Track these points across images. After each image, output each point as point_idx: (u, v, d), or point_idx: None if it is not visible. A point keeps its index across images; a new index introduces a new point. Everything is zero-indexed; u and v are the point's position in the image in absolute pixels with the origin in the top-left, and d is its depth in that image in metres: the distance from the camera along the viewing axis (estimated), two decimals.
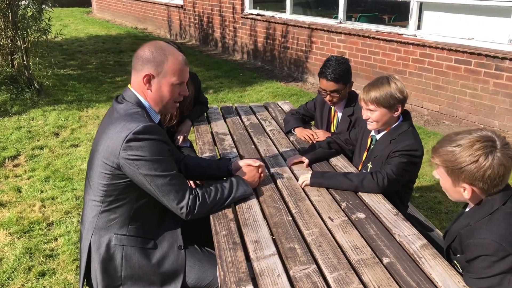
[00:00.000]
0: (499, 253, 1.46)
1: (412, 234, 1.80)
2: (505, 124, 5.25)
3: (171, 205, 1.87)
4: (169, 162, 1.87)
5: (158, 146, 1.82)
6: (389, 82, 2.27)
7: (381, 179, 2.12)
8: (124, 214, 1.93)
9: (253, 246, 1.73)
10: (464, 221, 1.65)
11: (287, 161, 2.51)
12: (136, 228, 1.96)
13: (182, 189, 1.88)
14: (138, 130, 1.78)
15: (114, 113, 1.91)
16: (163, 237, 2.01)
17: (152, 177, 1.81)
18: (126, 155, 1.78)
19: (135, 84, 1.92)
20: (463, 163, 1.57)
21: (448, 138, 1.65)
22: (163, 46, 1.92)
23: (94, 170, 1.90)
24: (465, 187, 1.61)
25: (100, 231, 1.93)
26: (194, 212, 1.89)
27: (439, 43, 5.72)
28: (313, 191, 2.17)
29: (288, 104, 3.65)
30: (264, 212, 1.99)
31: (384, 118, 2.29)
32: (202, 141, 2.86)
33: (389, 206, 2.02)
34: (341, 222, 1.89)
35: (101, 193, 1.89)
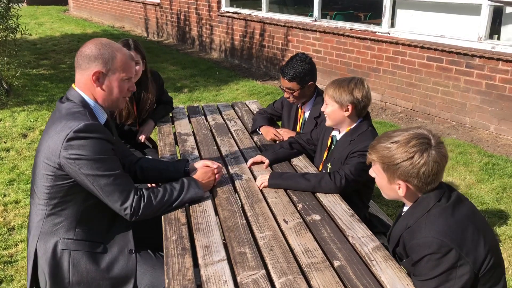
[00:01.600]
0: (442, 249, 1.47)
1: (366, 236, 1.77)
2: (476, 121, 5.30)
3: (115, 206, 1.82)
4: (112, 161, 1.82)
5: (100, 145, 1.77)
6: (349, 84, 2.26)
7: (338, 179, 2.10)
8: (71, 217, 1.86)
9: (203, 252, 1.68)
10: (403, 223, 1.65)
11: (248, 162, 2.46)
12: (84, 232, 1.89)
13: (126, 190, 1.83)
14: (79, 128, 1.73)
15: (56, 113, 1.85)
16: (113, 240, 1.95)
17: (95, 177, 1.76)
18: (67, 154, 1.73)
19: (80, 83, 1.86)
20: (399, 159, 1.57)
21: (385, 135, 1.66)
22: (109, 43, 1.87)
23: (37, 173, 1.84)
24: (400, 184, 1.61)
25: (46, 236, 1.86)
26: (138, 214, 1.84)
27: (411, 40, 5.74)
28: (271, 192, 2.13)
29: (256, 103, 3.61)
30: (218, 215, 1.94)
31: (334, 115, 2.30)
32: (163, 142, 2.80)
33: (346, 207, 1.99)
34: (296, 225, 1.86)
35: (45, 196, 1.82)
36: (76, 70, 1.87)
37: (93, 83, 1.84)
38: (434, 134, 1.63)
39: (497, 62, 4.94)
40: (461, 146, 4.81)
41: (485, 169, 4.24)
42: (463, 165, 4.34)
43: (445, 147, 1.63)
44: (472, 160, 4.46)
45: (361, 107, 2.26)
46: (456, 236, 1.49)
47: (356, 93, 2.22)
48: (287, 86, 2.75)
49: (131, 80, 1.93)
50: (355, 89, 2.23)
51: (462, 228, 1.52)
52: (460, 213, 1.56)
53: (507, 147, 4.83)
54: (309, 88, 2.80)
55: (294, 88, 2.75)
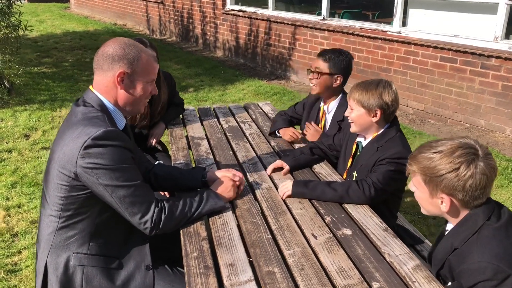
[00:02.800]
0: (498, 276, 1.33)
1: (404, 254, 1.63)
2: (491, 123, 5.15)
3: (134, 219, 1.68)
4: (132, 171, 1.68)
5: (120, 153, 1.63)
6: (377, 86, 2.11)
7: (367, 188, 1.95)
8: (85, 230, 1.72)
9: (228, 271, 1.54)
10: (447, 243, 1.50)
11: (267, 169, 2.32)
12: (99, 246, 1.76)
13: (146, 201, 1.69)
14: (97, 135, 1.59)
15: (72, 118, 1.70)
16: (129, 255, 1.81)
17: (114, 188, 1.62)
18: (84, 163, 1.59)
19: (101, 84, 1.72)
20: (443, 170, 1.44)
21: (427, 144, 1.52)
22: (133, 43, 1.74)
23: (50, 181, 1.70)
24: (443, 198, 1.47)
25: (57, 250, 1.73)
26: (159, 227, 1.70)
27: (424, 40, 5.60)
28: (295, 203, 1.99)
29: (269, 105, 3.47)
30: (241, 228, 1.80)
31: (360, 120, 2.15)
32: (176, 146, 2.65)
33: (378, 220, 1.85)
34: (326, 240, 1.71)
35: (58, 207, 1.69)
36: (96, 71, 1.72)
37: (117, 85, 1.70)
38: (481, 144, 1.49)
39: None
40: None
41: (505, 174, 4.10)
42: None
43: (494, 158, 1.49)
44: None
45: (390, 112, 2.11)
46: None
47: (385, 97, 2.08)
48: (317, 65, 2.62)
49: (153, 83, 1.80)
50: (384, 92, 2.09)
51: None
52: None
53: None
54: (336, 81, 2.63)
55: (324, 70, 2.60)
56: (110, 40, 1.74)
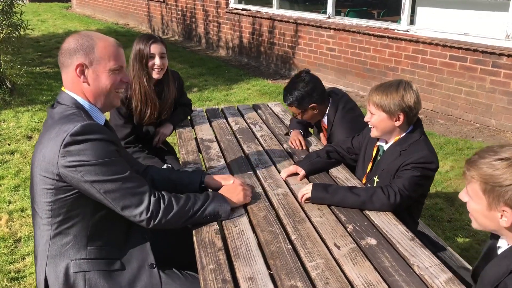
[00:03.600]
0: None
1: (434, 265, 1.53)
2: (502, 123, 5.05)
3: (128, 212, 1.59)
4: (118, 163, 1.59)
5: (102, 147, 1.55)
6: (398, 88, 2.00)
7: (393, 195, 1.85)
8: (80, 234, 1.63)
9: (247, 285, 1.44)
10: (502, 264, 1.35)
11: (281, 173, 2.22)
12: (97, 249, 1.66)
13: (139, 192, 1.60)
14: (75, 131, 1.51)
15: (48, 121, 1.63)
16: (130, 255, 1.72)
17: (101, 183, 1.53)
18: (66, 162, 1.50)
19: (69, 83, 1.65)
20: (508, 180, 1.28)
21: (490, 149, 1.36)
22: (89, 33, 1.67)
23: (35, 189, 1.61)
24: (505, 211, 1.31)
25: (55, 260, 1.63)
26: (157, 218, 1.61)
27: (433, 38, 5.49)
28: (314, 210, 1.89)
29: (279, 105, 3.36)
30: (258, 238, 1.70)
31: (382, 124, 2.04)
32: (185, 149, 2.56)
33: (403, 229, 1.75)
34: (350, 251, 1.61)
35: (47, 214, 1.59)
36: (61, 71, 1.66)
37: (78, 78, 1.62)
38: None
39: None
40: None
41: None
42: None
43: None
44: None
45: (413, 114, 2.01)
46: None
47: (407, 99, 1.97)
48: (289, 109, 2.64)
49: (123, 70, 1.70)
50: (406, 94, 1.98)
51: None
52: None
53: None
54: (312, 110, 2.59)
55: (295, 112, 2.62)
56: (68, 36, 1.68)
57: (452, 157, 4.40)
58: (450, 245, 2.67)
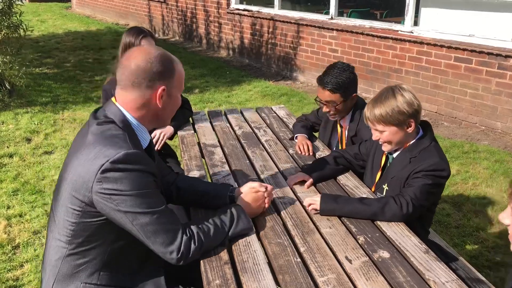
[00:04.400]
0: None
1: (451, 281, 1.46)
2: (508, 125, 4.98)
3: (158, 248, 1.50)
4: (155, 196, 1.50)
5: (141, 178, 1.46)
6: (394, 95, 1.92)
7: (405, 205, 1.78)
8: (96, 258, 1.55)
9: None
10: None
11: (288, 180, 2.15)
12: (111, 276, 1.58)
13: (172, 229, 1.51)
14: (117, 158, 1.42)
15: (89, 134, 1.51)
16: (143, 284, 1.64)
17: (135, 215, 1.45)
18: (101, 189, 1.42)
19: (131, 101, 1.54)
20: None
21: None
22: (166, 54, 1.57)
23: (60, 204, 1.53)
24: None
25: (65, 279, 1.55)
26: (187, 257, 1.52)
27: (437, 40, 5.42)
28: (323, 220, 1.82)
29: (284, 109, 3.29)
30: (266, 250, 1.63)
31: (396, 137, 1.96)
32: (188, 155, 2.48)
33: (416, 241, 1.68)
34: (362, 264, 1.54)
35: (68, 233, 1.52)
36: (126, 88, 1.54)
37: (157, 102, 1.54)
38: None
39: None
40: (496, 153, 4.49)
41: None
42: (502, 174, 4.03)
43: None
44: (511, 169, 4.14)
45: (420, 114, 1.94)
46: None
47: (409, 102, 1.90)
48: (328, 98, 2.43)
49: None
50: (405, 98, 1.90)
51: None
52: None
53: None
54: (352, 101, 2.48)
55: (337, 101, 2.43)
56: (139, 53, 1.55)
57: (458, 161, 4.33)
58: (459, 252, 2.60)
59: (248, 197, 1.78)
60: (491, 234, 3.20)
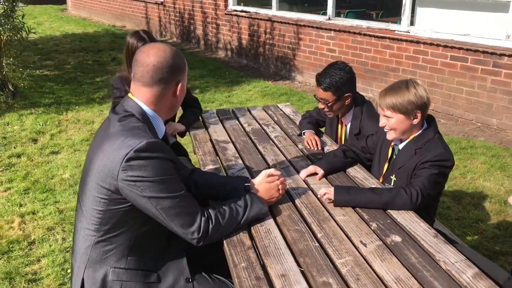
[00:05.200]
0: None
1: (460, 261, 1.57)
2: (503, 122, 5.13)
3: (181, 230, 1.61)
4: (176, 181, 1.62)
5: (163, 165, 1.57)
6: (407, 86, 2.06)
7: (415, 194, 1.89)
8: (123, 244, 1.66)
9: (281, 282, 1.48)
10: None
11: (300, 173, 2.26)
12: (137, 260, 1.69)
13: (192, 211, 1.63)
14: (140, 147, 1.53)
15: (110, 127, 1.64)
16: (167, 268, 1.75)
17: (158, 199, 1.56)
18: (126, 177, 1.53)
19: (150, 96, 1.67)
20: None
21: None
22: (177, 50, 1.72)
23: (87, 194, 1.63)
24: None
25: (95, 265, 1.66)
26: (207, 237, 1.64)
27: (433, 39, 5.56)
28: (336, 209, 1.93)
29: (290, 106, 3.40)
30: (285, 237, 1.74)
31: (402, 126, 2.08)
32: (202, 151, 2.59)
33: (426, 226, 1.79)
34: (376, 248, 1.66)
35: (95, 221, 1.62)
36: (146, 84, 1.65)
37: (177, 95, 1.70)
38: None
39: None
40: (492, 149, 4.63)
41: None
42: (499, 169, 4.16)
43: None
44: (507, 164, 4.28)
45: (427, 109, 2.07)
46: None
47: (420, 96, 2.03)
48: (321, 96, 2.55)
49: None
50: (417, 91, 2.04)
51: None
52: None
53: None
54: (346, 100, 2.59)
55: (329, 99, 2.55)
56: (157, 50, 1.65)
57: (456, 156, 4.46)
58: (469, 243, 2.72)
59: (261, 186, 1.89)
60: (490, 225, 3.33)
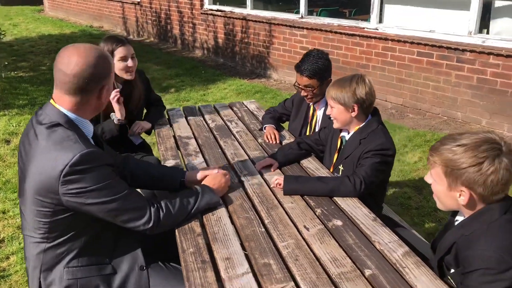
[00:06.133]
0: (501, 266, 1.33)
1: (393, 241, 1.70)
2: (467, 115, 5.31)
3: (132, 224, 1.70)
4: (117, 183, 1.68)
5: (101, 172, 1.61)
6: (351, 82, 2.20)
7: (358, 182, 2.02)
8: (75, 245, 1.72)
9: (224, 264, 1.58)
10: (457, 233, 1.51)
11: (256, 165, 2.37)
12: (90, 256, 1.76)
13: (140, 206, 1.71)
14: (75, 161, 1.54)
15: (38, 138, 1.60)
16: (121, 259, 1.83)
17: (104, 204, 1.62)
18: (66, 190, 1.56)
19: (73, 102, 1.63)
20: (465, 164, 1.43)
21: (450, 137, 1.52)
22: (103, 52, 1.68)
23: (27, 206, 1.65)
24: (462, 191, 1.47)
25: (49, 267, 1.72)
26: (159, 225, 1.73)
27: (401, 36, 5.72)
28: (286, 197, 2.04)
29: (255, 103, 3.51)
30: (235, 224, 1.84)
31: (341, 117, 2.23)
32: (164, 146, 2.68)
33: (366, 211, 1.91)
34: (318, 231, 1.77)
35: (43, 231, 1.66)
36: (67, 91, 1.61)
37: (100, 99, 1.69)
38: (506, 140, 1.48)
39: (488, 56, 4.95)
40: None
41: None
42: None
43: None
44: None
45: (367, 105, 2.19)
46: None
47: (359, 92, 2.15)
48: (306, 83, 2.66)
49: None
50: (358, 87, 2.17)
51: None
52: None
53: None
54: (328, 84, 2.71)
55: (314, 85, 2.66)
56: (78, 56, 1.59)
57: (420, 149, 4.62)
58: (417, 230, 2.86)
59: (206, 180, 2.00)
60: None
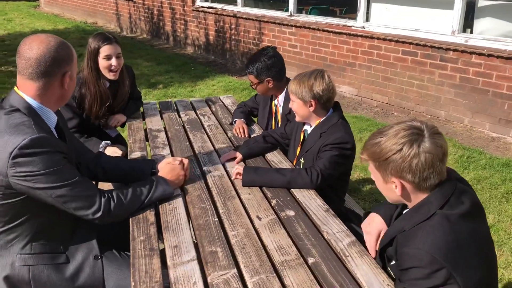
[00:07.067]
0: (433, 266, 1.34)
1: (341, 231, 1.72)
2: (450, 114, 5.34)
3: (80, 213, 1.71)
4: (67, 170, 1.68)
5: (50, 158, 1.62)
6: (310, 77, 2.22)
7: (315, 175, 2.04)
8: (26, 231, 1.73)
9: (172, 252, 1.60)
10: (399, 224, 1.51)
11: (221, 157, 2.39)
12: (42, 245, 1.77)
13: (89, 194, 1.72)
14: (24, 144, 1.56)
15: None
16: (76, 248, 1.84)
17: (52, 189, 1.63)
18: (14, 173, 1.58)
19: (35, 88, 1.66)
20: (388, 153, 1.43)
21: (378, 130, 1.53)
22: (63, 40, 1.72)
23: None
24: (394, 182, 1.47)
25: (0, 253, 1.74)
26: (110, 215, 1.74)
27: (386, 34, 5.75)
28: (244, 188, 2.07)
29: (231, 98, 3.53)
30: (189, 213, 1.87)
31: (300, 111, 2.26)
32: (133, 139, 2.70)
33: (320, 202, 1.94)
34: (269, 221, 1.80)
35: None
36: (30, 77, 1.64)
37: (63, 87, 1.71)
38: (430, 125, 1.47)
39: (470, 56, 4.98)
40: None
41: (460, 162, 4.27)
42: None
43: (443, 138, 1.45)
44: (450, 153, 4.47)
45: (324, 100, 2.21)
46: (453, 254, 1.34)
47: (316, 88, 2.17)
48: (248, 78, 2.77)
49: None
50: (315, 83, 2.19)
51: (462, 247, 1.37)
52: (465, 229, 1.39)
53: (481, 139, 4.88)
54: (268, 84, 2.75)
55: (252, 81, 2.79)
56: (39, 42, 1.64)
57: None
58: None
59: (164, 169, 2.02)
60: None
